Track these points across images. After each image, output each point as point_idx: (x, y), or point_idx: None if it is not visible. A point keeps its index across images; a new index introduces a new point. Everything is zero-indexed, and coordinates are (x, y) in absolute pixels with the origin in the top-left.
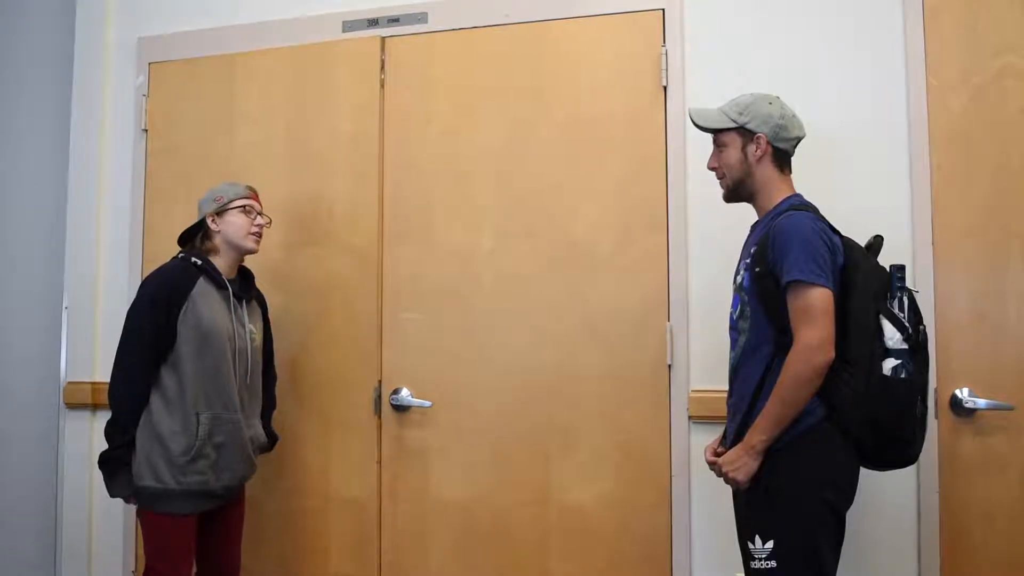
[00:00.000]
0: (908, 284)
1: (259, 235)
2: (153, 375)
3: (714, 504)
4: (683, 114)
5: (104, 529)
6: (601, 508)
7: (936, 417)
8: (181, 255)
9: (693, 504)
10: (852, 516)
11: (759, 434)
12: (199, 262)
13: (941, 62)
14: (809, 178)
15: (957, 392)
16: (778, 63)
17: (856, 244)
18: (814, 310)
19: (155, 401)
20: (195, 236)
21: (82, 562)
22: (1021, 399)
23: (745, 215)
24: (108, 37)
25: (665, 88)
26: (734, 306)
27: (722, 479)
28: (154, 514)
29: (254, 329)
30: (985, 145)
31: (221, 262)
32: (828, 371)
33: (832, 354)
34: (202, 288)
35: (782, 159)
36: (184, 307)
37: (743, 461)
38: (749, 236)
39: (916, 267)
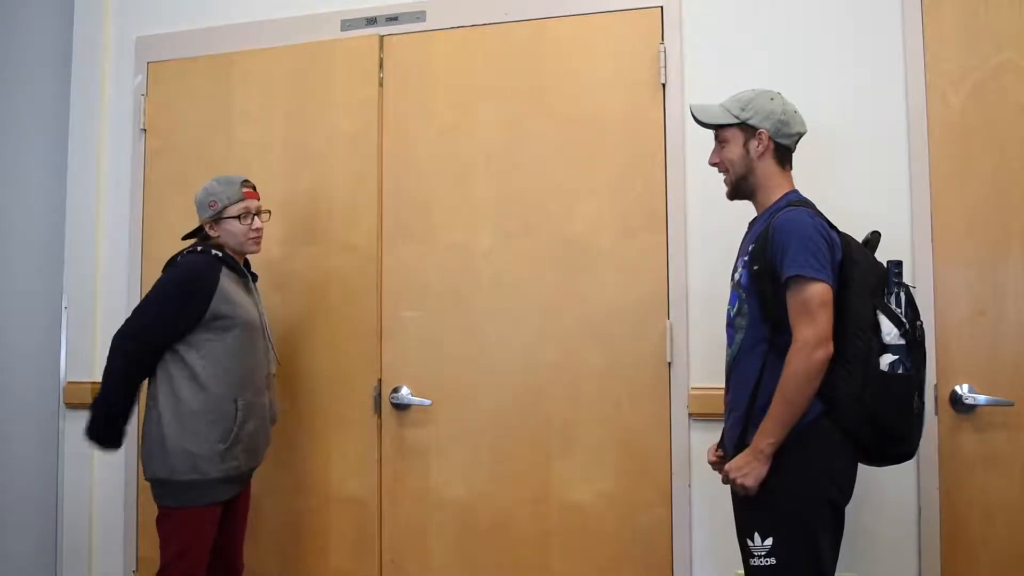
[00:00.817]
0: (906, 280)
1: (259, 238)
2: (172, 367)
3: (714, 501)
4: (682, 111)
5: (105, 528)
6: (601, 506)
7: (936, 413)
8: (200, 247)
9: (693, 501)
10: (853, 512)
11: (767, 437)
12: (219, 253)
13: (940, 59)
14: (808, 175)
15: (957, 388)
16: (777, 60)
17: (854, 240)
18: (812, 306)
19: (185, 390)
20: (197, 233)
21: (83, 562)
22: (1021, 395)
23: (744, 212)
24: (106, 36)
25: (664, 85)
26: (731, 303)
27: (727, 484)
28: (184, 510)
29: (263, 309)
30: (984, 142)
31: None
32: (826, 367)
33: (831, 349)
34: (227, 278)
35: (783, 155)
36: (214, 296)
37: (752, 467)
38: (747, 233)
39: (915, 263)
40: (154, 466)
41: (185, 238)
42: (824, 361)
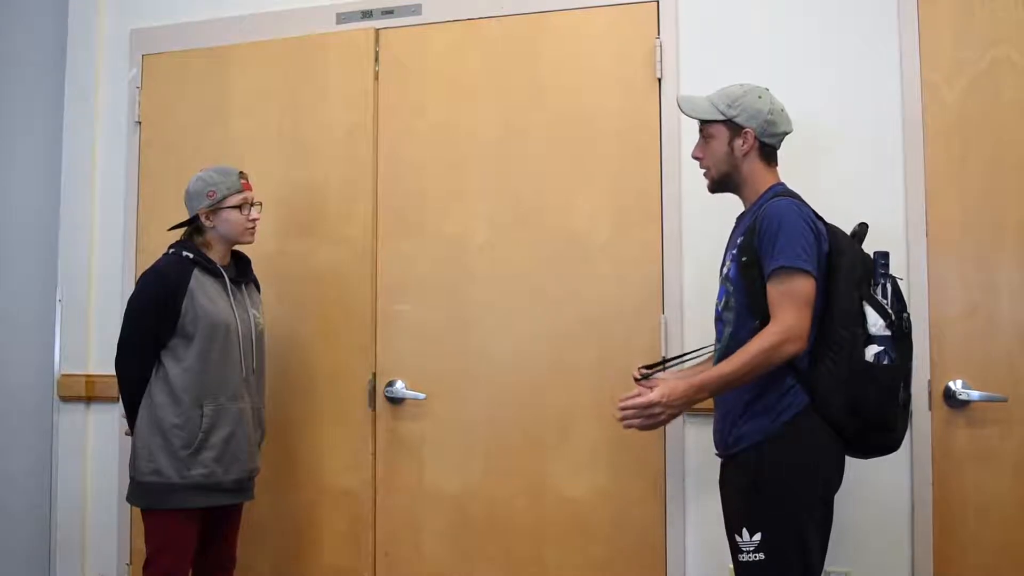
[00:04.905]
0: (897, 273)
1: (255, 228)
2: (153, 368)
3: (708, 496)
4: (677, 105)
5: (98, 521)
6: (595, 500)
7: (930, 408)
8: (172, 250)
9: (687, 496)
10: (846, 507)
11: (705, 391)
12: (191, 255)
13: (935, 54)
14: (804, 169)
15: (951, 384)
16: (772, 54)
17: (841, 231)
18: (795, 297)
19: (159, 394)
20: (186, 226)
21: (76, 554)
22: (1014, 390)
23: (739, 207)
24: (101, 29)
25: (660, 80)
26: (720, 297)
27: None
28: (153, 512)
29: (257, 313)
30: (979, 137)
31: (214, 252)
32: (811, 357)
33: (804, 346)
34: (198, 280)
35: (768, 153)
36: (183, 301)
37: (680, 406)
38: (735, 227)
39: (910, 258)
40: (129, 465)
41: (173, 229)
42: (792, 355)
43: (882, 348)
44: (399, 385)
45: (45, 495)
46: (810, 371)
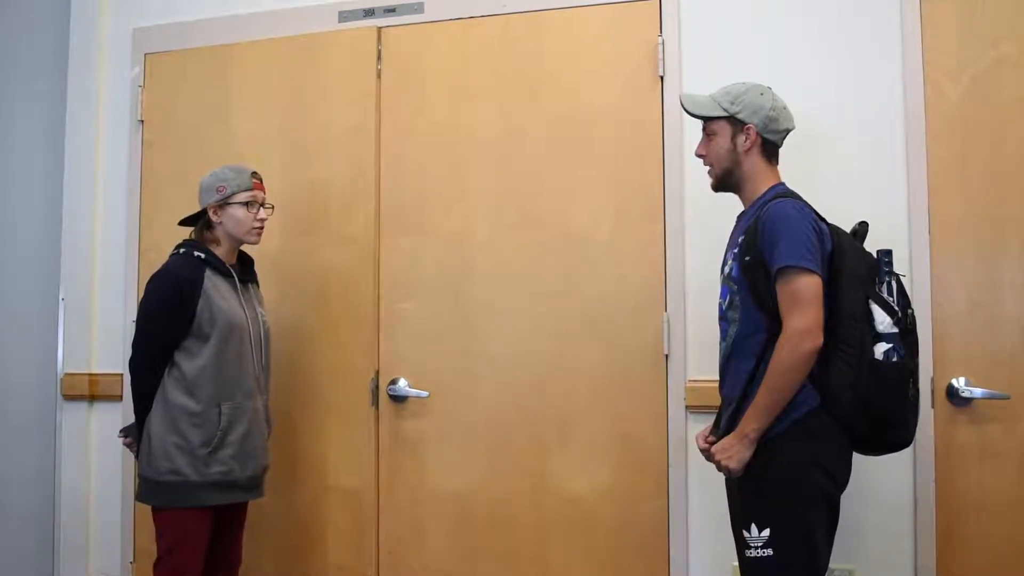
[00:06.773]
0: (900, 270)
1: (261, 229)
2: (166, 369)
3: (711, 493)
4: (679, 104)
5: (102, 520)
6: (598, 497)
7: (932, 406)
8: (183, 249)
9: (690, 493)
10: (849, 504)
11: (752, 423)
12: (202, 255)
13: (938, 51)
14: (806, 167)
15: (953, 381)
16: (775, 52)
17: (842, 231)
18: (802, 297)
19: (174, 393)
20: (196, 221)
21: (80, 553)
22: (1016, 388)
23: (741, 205)
24: (103, 28)
25: (662, 78)
26: (723, 296)
27: (715, 467)
28: (168, 510)
29: (263, 312)
30: (981, 134)
31: (221, 250)
32: (820, 358)
33: (821, 339)
34: (211, 280)
35: (770, 150)
36: (198, 302)
37: (736, 449)
38: (736, 226)
39: (912, 256)
40: (142, 464)
41: (183, 222)
42: (813, 352)
43: (890, 345)
44: (402, 383)
45: (49, 494)
46: (821, 371)
